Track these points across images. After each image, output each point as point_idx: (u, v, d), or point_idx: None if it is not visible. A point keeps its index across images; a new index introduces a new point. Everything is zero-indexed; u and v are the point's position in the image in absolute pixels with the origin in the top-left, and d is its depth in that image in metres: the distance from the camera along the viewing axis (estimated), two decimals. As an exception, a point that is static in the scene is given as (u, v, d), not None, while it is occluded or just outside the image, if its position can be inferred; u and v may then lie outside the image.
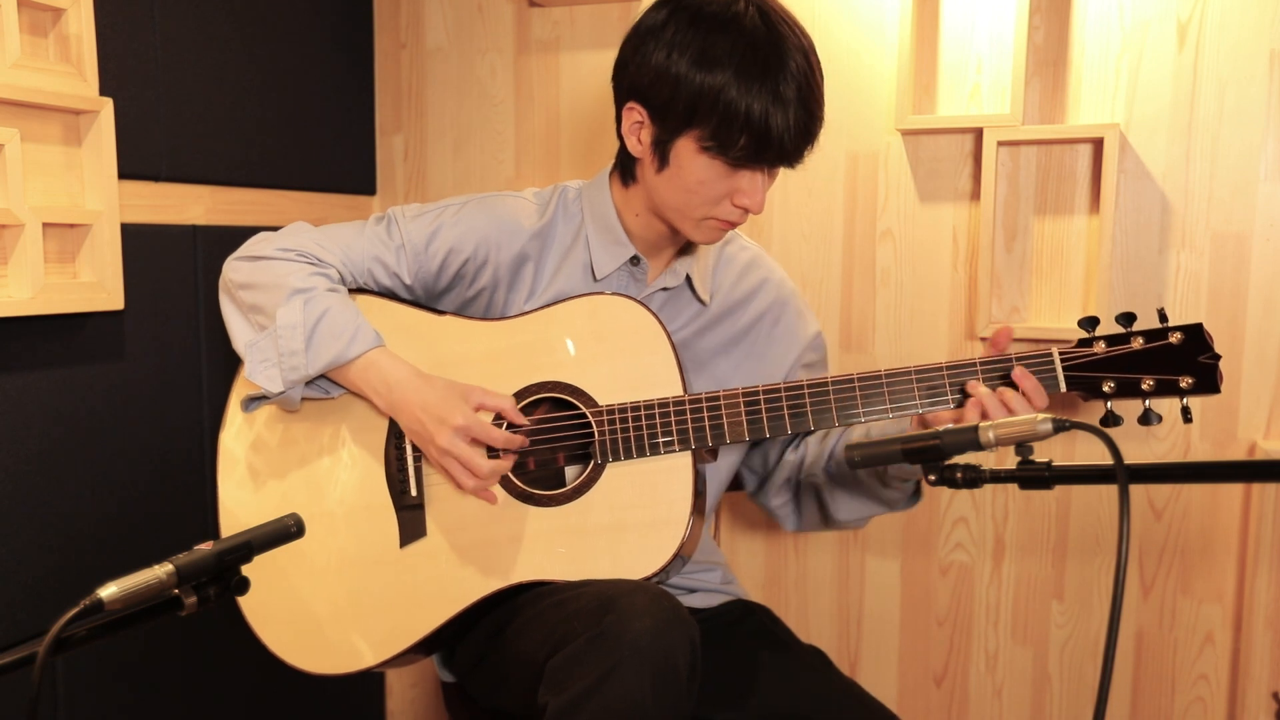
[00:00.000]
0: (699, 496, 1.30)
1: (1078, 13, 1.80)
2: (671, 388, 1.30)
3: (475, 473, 1.27)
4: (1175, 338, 1.19)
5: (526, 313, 1.36)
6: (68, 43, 1.51)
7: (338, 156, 2.13)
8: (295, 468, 1.39)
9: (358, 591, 1.35)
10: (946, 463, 1.02)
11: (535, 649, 1.20)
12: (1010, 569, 1.94)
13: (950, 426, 1.02)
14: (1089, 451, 1.86)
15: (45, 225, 1.48)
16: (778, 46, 1.23)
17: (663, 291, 1.43)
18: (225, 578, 0.93)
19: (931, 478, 1.03)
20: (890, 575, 2.01)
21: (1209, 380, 1.18)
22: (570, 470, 1.36)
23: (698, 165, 1.27)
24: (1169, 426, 1.82)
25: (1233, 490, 1.79)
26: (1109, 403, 1.21)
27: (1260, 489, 1.73)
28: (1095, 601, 1.89)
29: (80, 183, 1.56)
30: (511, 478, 1.32)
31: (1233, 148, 1.74)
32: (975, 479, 1.00)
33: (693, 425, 1.28)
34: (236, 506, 1.40)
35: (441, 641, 1.39)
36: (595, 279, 1.40)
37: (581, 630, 1.12)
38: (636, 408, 1.29)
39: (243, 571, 0.94)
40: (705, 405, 1.29)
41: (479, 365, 1.35)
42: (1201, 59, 1.74)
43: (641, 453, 1.29)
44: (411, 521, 1.35)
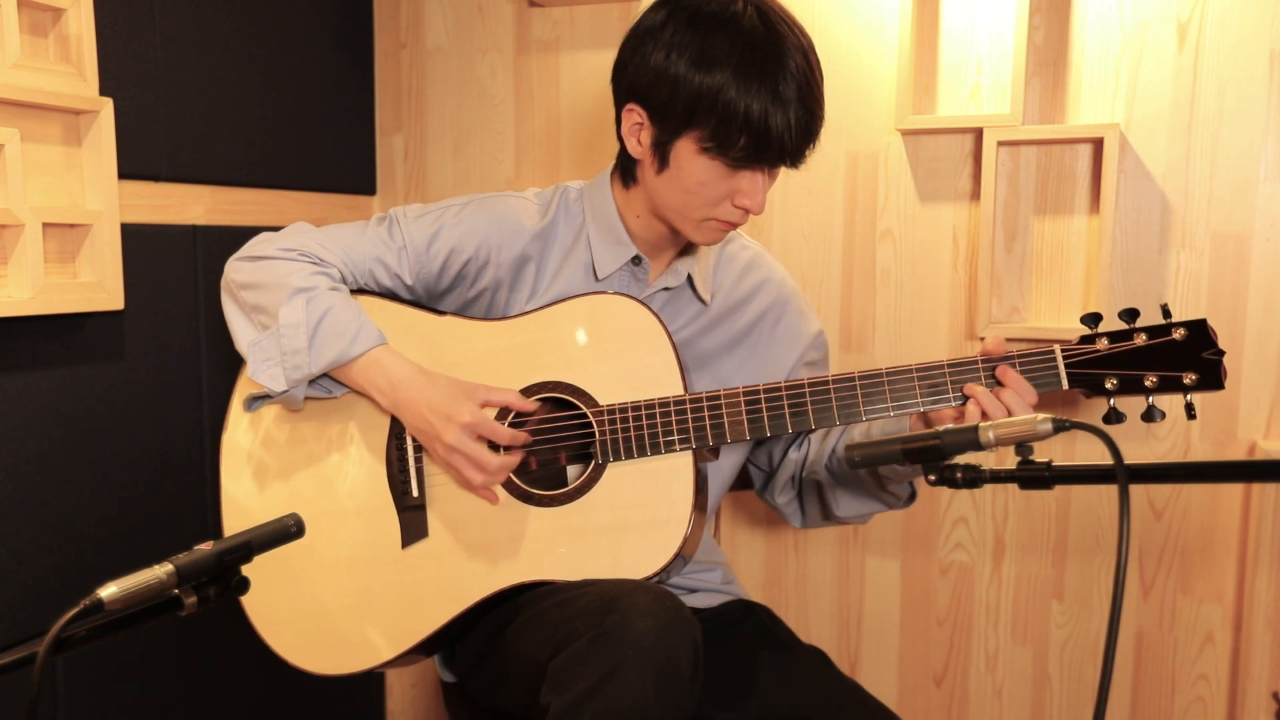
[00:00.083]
0: (700, 496, 1.30)
1: (1078, 13, 1.80)
2: (672, 387, 1.30)
3: (484, 469, 1.27)
4: (1179, 334, 1.18)
5: (527, 312, 1.36)
6: (68, 43, 1.51)
7: (338, 156, 2.13)
8: (297, 468, 1.39)
9: (360, 592, 1.35)
10: (946, 463, 1.01)
11: (537, 649, 1.19)
12: (1010, 569, 1.94)
13: (950, 426, 1.02)
14: (1089, 451, 1.86)
15: (45, 225, 1.48)
16: (777, 46, 1.22)
17: (664, 291, 1.43)
18: (225, 578, 0.93)
19: (931, 478, 1.02)
20: (890, 575, 2.01)
21: (1213, 376, 1.17)
22: (571, 470, 1.36)
23: (698, 166, 1.27)
24: (1169, 426, 1.82)
25: (1233, 490, 1.79)
26: (1112, 400, 1.21)
27: (1260, 489, 1.72)
28: (1095, 601, 1.89)
29: (80, 183, 1.56)
30: (513, 477, 1.32)
31: (1233, 148, 1.74)
32: (975, 479, 1.00)
33: (694, 424, 1.28)
34: (240, 507, 1.40)
35: (443, 642, 1.39)
36: (597, 279, 1.40)
37: (584, 630, 1.12)
38: (637, 407, 1.29)
39: (243, 571, 0.94)
40: (706, 404, 1.28)
41: (480, 365, 1.35)
42: (1201, 59, 1.74)
43: (643, 452, 1.29)
44: (413, 522, 1.35)
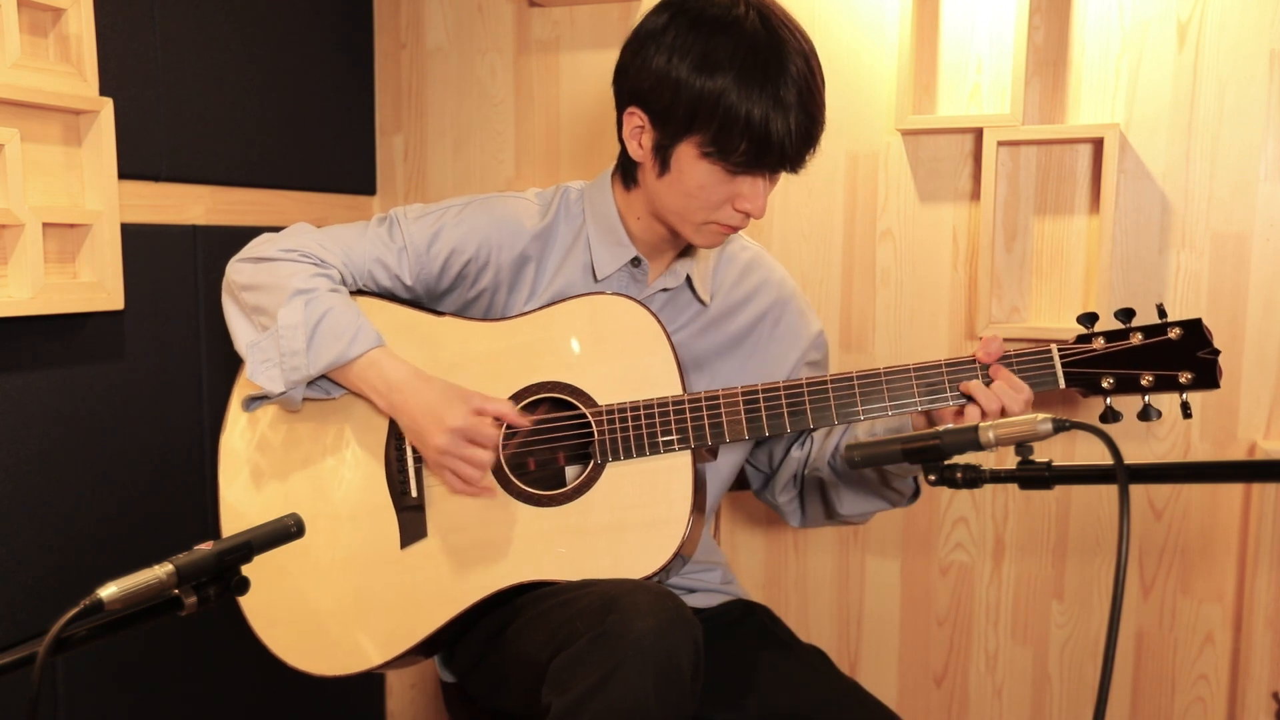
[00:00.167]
0: (699, 495, 1.30)
1: (1078, 13, 1.80)
2: (671, 388, 1.30)
3: (477, 466, 1.27)
4: (1174, 333, 1.19)
5: (526, 313, 1.36)
6: (68, 43, 1.51)
7: (338, 156, 2.13)
8: (296, 468, 1.39)
9: (358, 592, 1.35)
10: (946, 463, 1.01)
11: (537, 649, 1.19)
12: (1010, 569, 1.94)
13: (950, 426, 1.02)
14: (1089, 451, 1.86)
15: (45, 225, 1.48)
16: (778, 51, 1.22)
17: (663, 292, 1.43)
18: (225, 578, 0.93)
19: (931, 478, 1.02)
20: (890, 575, 2.01)
21: (1208, 375, 1.18)
22: (570, 471, 1.36)
23: (698, 170, 1.27)
24: (1169, 426, 1.82)
25: (1233, 490, 1.79)
26: (1108, 399, 1.21)
27: (1260, 489, 1.72)
28: (1095, 601, 1.89)
29: (80, 183, 1.56)
30: (512, 478, 1.32)
31: (1233, 148, 1.74)
32: (975, 479, 1.00)
33: (692, 424, 1.28)
34: (238, 507, 1.40)
35: (443, 642, 1.39)
36: (596, 280, 1.40)
37: (584, 630, 1.12)
38: (636, 407, 1.29)
39: (243, 572, 0.94)
40: (705, 404, 1.29)
41: (479, 366, 1.35)
42: (1201, 59, 1.74)
43: (641, 452, 1.29)
44: (412, 522, 1.35)
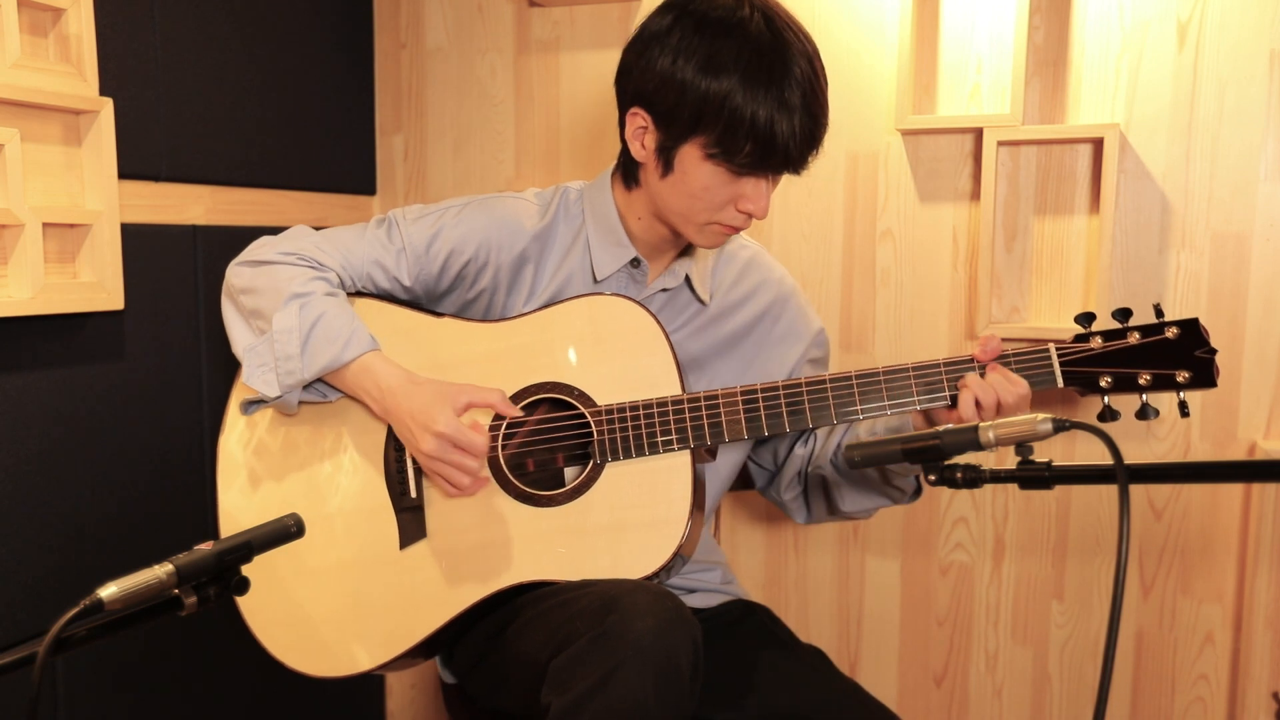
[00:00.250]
0: (698, 495, 1.30)
1: (1078, 13, 1.80)
2: (670, 388, 1.30)
3: (465, 471, 1.27)
4: (1171, 332, 1.20)
5: (525, 314, 1.36)
6: (68, 43, 1.51)
7: (338, 156, 2.13)
8: (295, 471, 1.39)
9: (358, 594, 1.35)
10: (946, 463, 1.02)
11: (537, 649, 1.19)
12: (1010, 569, 1.94)
13: (950, 426, 1.02)
14: (1089, 451, 1.86)
15: (45, 225, 1.48)
16: (783, 53, 1.22)
17: (662, 293, 1.43)
18: (225, 578, 0.93)
19: (931, 478, 1.02)
20: (890, 575, 2.01)
21: (1205, 374, 1.19)
22: (569, 471, 1.36)
23: (702, 172, 1.27)
24: (1169, 426, 1.82)
25: (1233, 490, 1.79)
26: (1106, 398, 1.22)
27: (1260, 489, 1.72)
28: (1095, 601, 1.89)
29: (80, 183, 1.56)
30: (511, 478, 1.32)
31: (1233, 148, 1.74)
32: (975, 479, 1.00)
33: (691, 424, 1.28)
34: (237, 510, 1.40)
35: (442, 643, 1.39)
36: (595, 280, 1.40)
37: (584, 630, 1.12)
38: (635, 407, 1.29)
39: (242, 572, 0.94)
40: (704, 404, 1.29)
41: (478, 367, 1.35)
42: (1201, 59, 1.74)
43: (640, 452, 1.29)
44: (411, 523, 1.35)
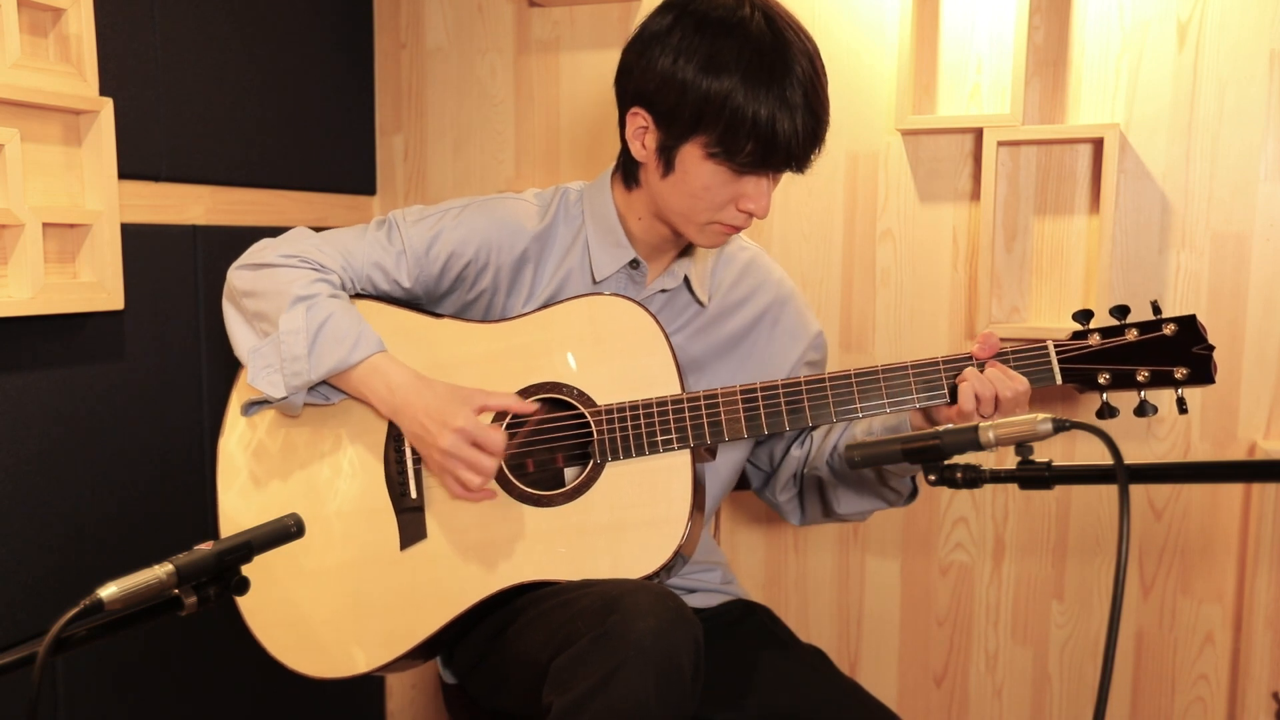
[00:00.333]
0: (698, 494, 1.30)
1: (1078, 13, 1.80)
2: (669, 388, 1.30)
3: (479, 472, 1.27)
4: (1169, 329, 1.20)
5: (525, 314, 1.36)
6: (68, 43, 1.51)
7: (338, 156, 2.13)
8: (295, 472, 1.39)
9: (358, 594, 1.35)
10: (946, 462, 1.01)
11: (538, 649, 1.19)
12: (1010, 569, 1.94)
13: (950, 426, 1.02)
14: (1089, 451, 1.86)
15: (45, 225, 1.48)
16: (784, 52, 1.22)
17: (661, 293, 1.43)
18: (225, 578, 0.93)
19: (931, 478, 1.02)
20: (890, 575, 2.01)
21: (1203, 371, 1.19)
22: (570, 471, 1.36)
23: (703, 171, 1.27)
24: (1169, 426, 1.82)
25: (1233, 490, 1.79)
26: (1104, 395, 1.22)
27: (1260, 489, 1.73)
28: (1095, 601, 1.89)
29: (80, 183, 1.56)
30: (511, 479, 1.32)
31: (1233, 148, 1.74)
32: (975, 479, 1.00)
33: (691, 424, 1.28)
34: (237, 512, 1.39)
35: (443, 644, 1.39)
36: (595, 281, 1.40)
37: (585, 630, 1.12)
38: (635, 407, 1.29)
39: (243, 573, 0.94)
40: (704, 404, 1.29)
41: (478, 367, 1.35)
42: (1201, 59, 1.74)
43: (640, 451, 1.29)
44: (411, 524, 1.35)
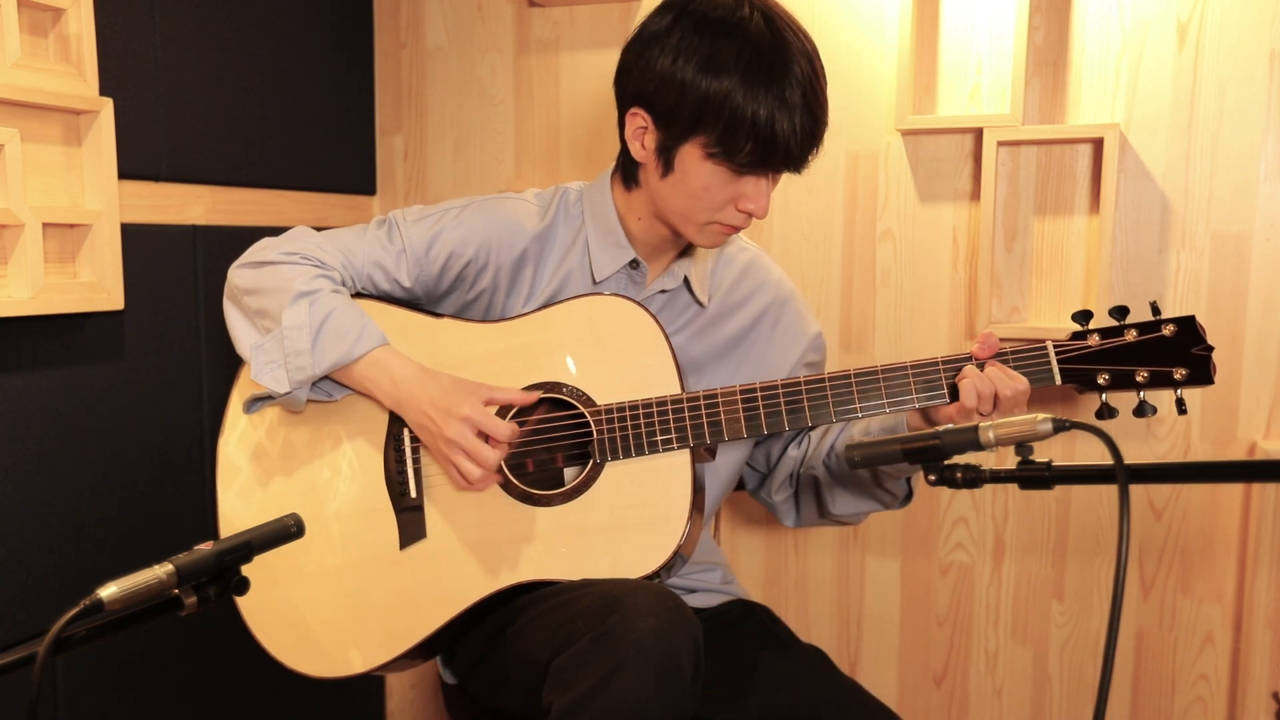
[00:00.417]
0: (698, 494, 1.30)
1: (1078, 13, 1.80)
2: (669, 388, 1.30)
3: (481, 464, 1.27)
4: (1168, 330, 1.20)
5: (525, 314, 1.36)
6: (68, 43, 1.51)
7: (338, 156, 2.13)
8: (295, 472, 1.39)
9: (358, 594, 1.35)
10: (946, 462, 1.01)
11: (538, 649, 1.19)
12: (1010, 569, 1.94)
13: (950, 426, 1.02)
14: (1089, 451, 1.86)
15: (45, 225, 1.48)
16: (783, 52, 1.23)
17: (661, 294, 1.43)
18: (225, 578, 0.93)
19: (931, 478, 1.02)
20: (890, 575, 2.01)
21: (1202, 371, 1.19)
22: (569, 471, 1.36)
23: (703, 171, 1.27)
24: (1169, 426, 1.82)
25: (1233, 490, 1.80)
26: (1104, 395, 1.23)
27: (1260, 489, 1.73)
28: (1095, 601, 1.89)
29: (80, 183, 1.56)
30: (511, 478, 1.32)
31: (1233, 148, 1.74)
32: (975, 479, 1.00)
33: (691, 424, 1.28)
34: (236, 512, 1.40)
35: (442, 643, 1.39)
36: (595, 281, 1.40)
37: (585, 630, 1.12)
38: (635, 406, 1.29)
39: (242, 573, 0.94)
40: (704, 404, 1.29)
41: (477, 367, 1.35)
42: (1201, 59, 1.74)
43: (640, 451, 1.29)
44: (411, 523, 1.35)
